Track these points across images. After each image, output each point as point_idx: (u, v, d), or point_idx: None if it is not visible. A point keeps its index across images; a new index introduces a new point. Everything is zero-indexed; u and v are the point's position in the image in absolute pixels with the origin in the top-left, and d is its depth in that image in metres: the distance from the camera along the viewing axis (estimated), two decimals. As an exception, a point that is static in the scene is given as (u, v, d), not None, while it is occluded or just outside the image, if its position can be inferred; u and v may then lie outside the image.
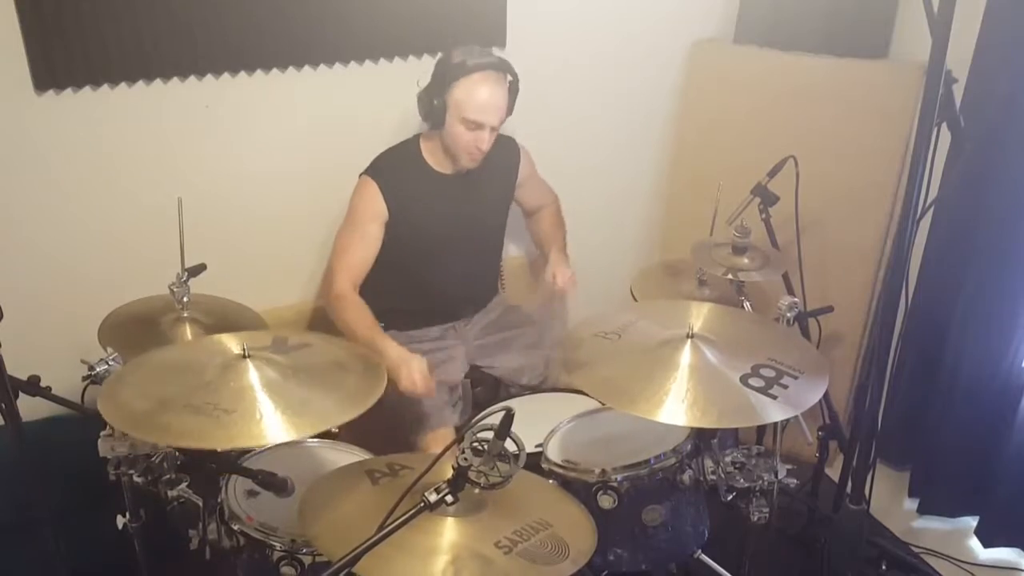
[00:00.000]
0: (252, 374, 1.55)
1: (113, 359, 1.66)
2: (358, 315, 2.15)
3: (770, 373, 1.63)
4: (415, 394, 2.03)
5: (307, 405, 1.51)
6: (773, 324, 1.93)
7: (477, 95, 2.10)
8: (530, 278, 2.78)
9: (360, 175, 2.25)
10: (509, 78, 2.19)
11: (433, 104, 2.14)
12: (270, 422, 1.46)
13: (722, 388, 1.60)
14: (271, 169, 2.41)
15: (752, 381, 1.60)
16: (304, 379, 1.57)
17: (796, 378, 1.62)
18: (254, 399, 1.50)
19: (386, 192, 2.21)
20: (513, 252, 2.80)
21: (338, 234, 2.27)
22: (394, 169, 2.25)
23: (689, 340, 1.67)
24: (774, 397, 1.57)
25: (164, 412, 1.47)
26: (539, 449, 1.88)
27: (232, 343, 1.64)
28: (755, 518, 1.77)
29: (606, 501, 1.75)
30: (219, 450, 1.65)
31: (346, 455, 1.84)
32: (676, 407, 1.55)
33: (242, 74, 2.28)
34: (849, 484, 1.90)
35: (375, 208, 2.21)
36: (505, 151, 2.39)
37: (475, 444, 1.31)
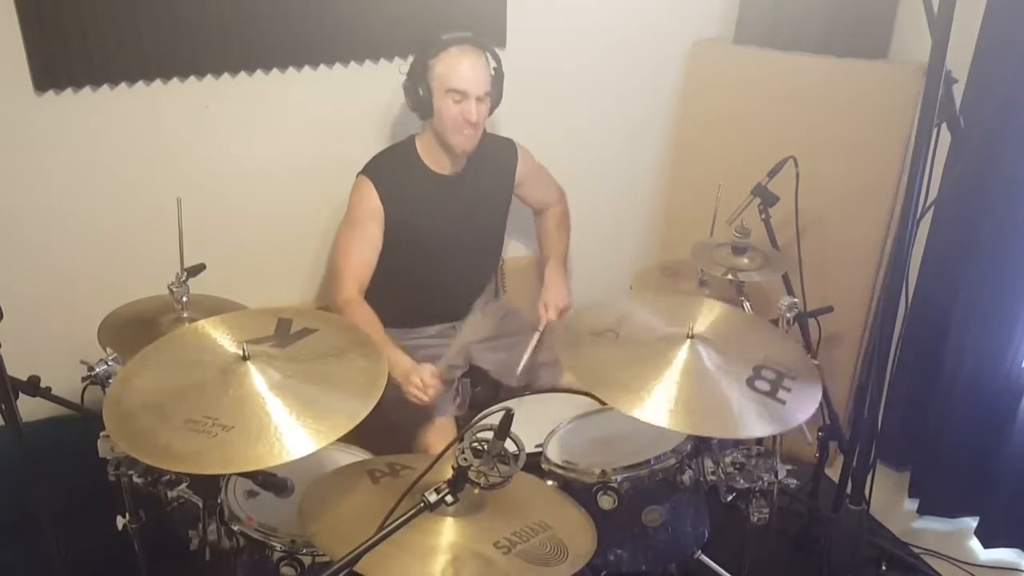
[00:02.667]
0: (255, 379, 1.46)
1: (113, 359, 1.66)
2: (366, 324, 2.13)
3: (771, 375, 1.63)
4: (421, 400, 2.03)
5: (317, 408, 1.43)
6: (765, 326, 1.92)
7: (458, 65, 2.13)
8: (533, 278, 2.77)
9: (357, 175, 2.25)
10: (493, 64, 2.20)
11: (419, 92, 2.16)
12: (286, 435, 1.37)
13: (726, 398, 1.59)
14: (271, 169, 2.41)
15: (758, 384, 1.61)
16: (308, 378, 1.49)
17: (790, 390, 1.62)
18: (265, 416, 1.40)
19: (381, 191, 2.21)
20: (515, 252, 2.80)
21: (338, 235, 2.27)
22: (389, 168, 2.26)
23: (689, 340, 1.67)
24: (782, 402, 1.58)
25: (164, 426, 1.38)
26: (539, 449, 1.88)
27: (232, 342, 1.57)
28: (755, 519, 1.77)
29: (606, 502, 1.75)
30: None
31: (346, 455, 1.84)
32: (665, 409, 1.54)
33: (242, 74, 2.28)
34: (849, 484, 1.90)
35: (371, 207, 2.21)
36: (502, 151, 2.39)
37: (475, 444, 1.30)
